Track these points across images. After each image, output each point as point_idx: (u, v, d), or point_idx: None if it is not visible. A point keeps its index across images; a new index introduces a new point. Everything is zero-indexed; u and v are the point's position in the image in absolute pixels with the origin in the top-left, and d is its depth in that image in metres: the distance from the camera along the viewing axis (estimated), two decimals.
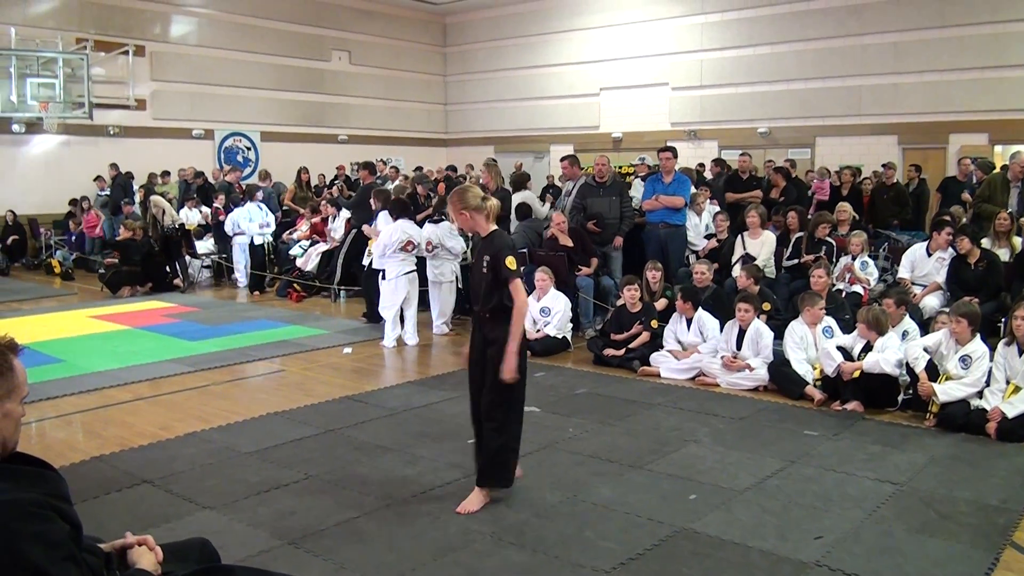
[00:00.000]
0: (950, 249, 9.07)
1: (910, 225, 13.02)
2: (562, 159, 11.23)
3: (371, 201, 10.79)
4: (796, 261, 9.79)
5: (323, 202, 14.67)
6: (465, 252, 10.68)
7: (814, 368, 7.35)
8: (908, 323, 7.42)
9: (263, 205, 14.04)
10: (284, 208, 16.09)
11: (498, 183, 10.82)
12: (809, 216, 10.75)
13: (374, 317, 10.38)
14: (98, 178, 17.60)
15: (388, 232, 9.51)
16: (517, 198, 11.35)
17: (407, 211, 9.79)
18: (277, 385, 7.86)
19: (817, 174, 15.35)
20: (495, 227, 5.02)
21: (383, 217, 10.10)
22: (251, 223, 13.60)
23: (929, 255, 9.19)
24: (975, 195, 11.20)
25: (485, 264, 4.85)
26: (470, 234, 5.22)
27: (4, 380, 2.34)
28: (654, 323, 8.50)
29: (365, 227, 11.10)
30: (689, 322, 8.22)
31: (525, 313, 4.93)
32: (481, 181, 11.03)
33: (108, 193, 17.36)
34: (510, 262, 4.79)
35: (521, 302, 4.79)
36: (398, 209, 9.74)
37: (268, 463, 5.59)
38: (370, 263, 10.28)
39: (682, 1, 20.47)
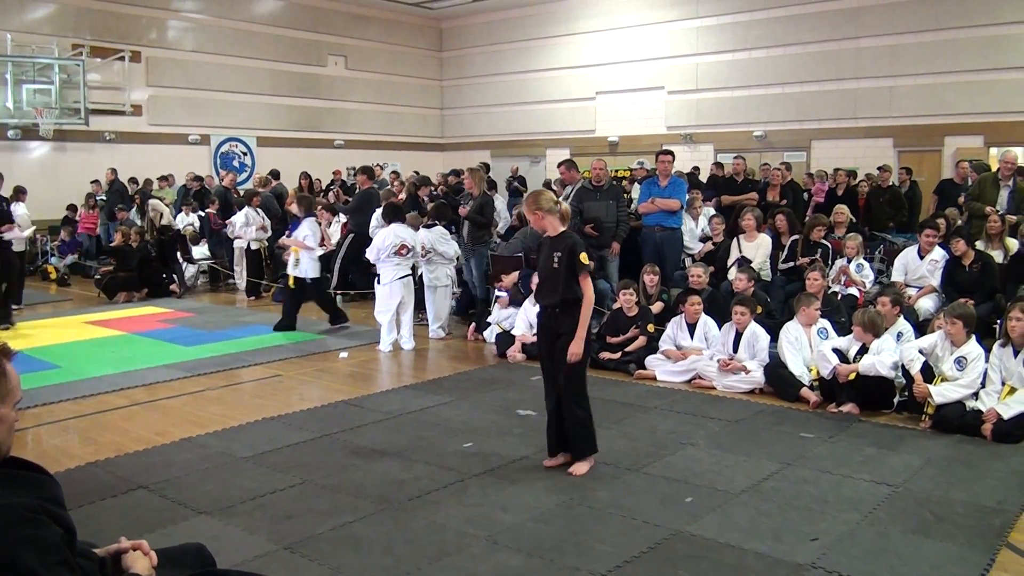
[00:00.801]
0: (940, 251, 9.11)
1: (905, 228, 13.04)
2: (559, 164, 11.24)
3: (294, 207, 10.91)
4: (792, 264, 9.80)
5: (319, 207, 14.65)
6: (458, 256, 10.70)
7: (810, 370, 7.35)
8: (902, 324, 7.44)
9: (260, 210, 14.02)
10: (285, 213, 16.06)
11: (482, 188, 10.84)
12: (806, 219, 10.76)
13: (283, 326, 10.48)
14: (95, 182, 17.58)
15: (381, 236, 9.52)
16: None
17: (399, 215, 9.80)
18: (273, 390, 7.86)
19: (816, 176, 15.40)
20: (565, 228, 5.54)
21: (308, 224, 10.23)
22: (248, 228, 13.59)
23: (921, 258, 9.22)
24: (966, 194, 11.24)
25: (556, 260, 5.37)
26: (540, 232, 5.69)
27: None
28: (651, 327, 8.50)
29: (283, 238, 11.17)
30: (691, 328, 8.21)
31: (593, 303, 5.46)
32: (465, 187, 11.05)
33: (104, 198, 17.34)
34: (583, 258, 5.34)
35: (591, 294, 5.40)
36: (390, 213, 9.75)
37: (264, 468, 5.59)
38: (283, 273, 10.45)
39: (678, 5, 20.49)
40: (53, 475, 2.46)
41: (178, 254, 14.26)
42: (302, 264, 10.34)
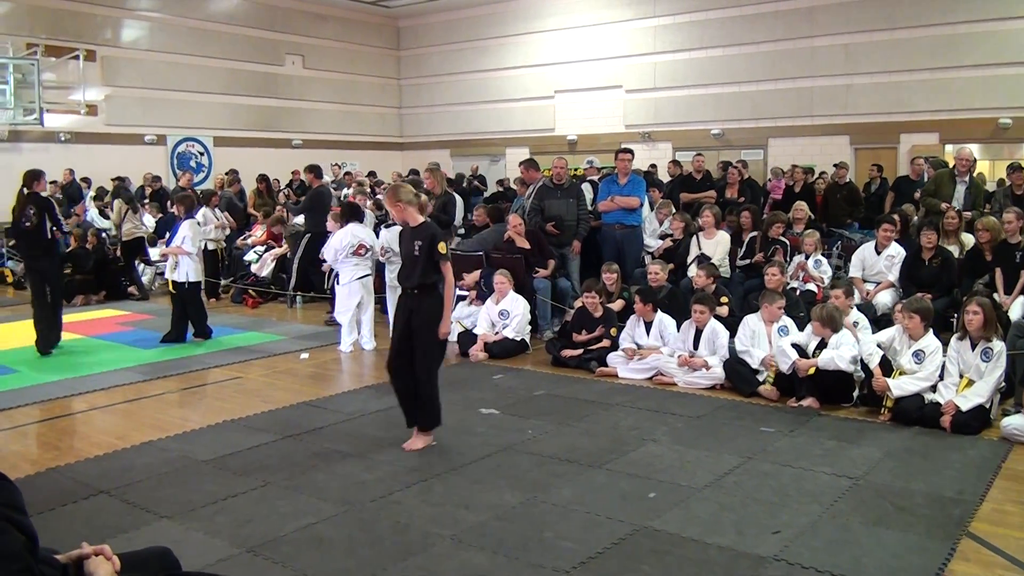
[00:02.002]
0: (897, 246, 9.24)
1: (867, 224, 13.19)
2: (521, 163, 11.26)
3: (176, 207, 10.57)
4: (749, 260, 9.89)
5: (281, 209, 14.59)
6: None
7: (763, 365, 7.40)
8: (856, 313, 7.56)
9: (217, 210, 13.90)
10: (249, 215, 15.93)
11: (443, 187, 10.85)
12: (764, 216, 10.86)
13: (171, 337, 9.95)
14: (53, 183, 17.28)
15: (339, 236, 9.48)
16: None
17: (357, 215, 9.77)
18: (234, 392, 7.80)
19: (772, 174, 15.55)
20: (425, 219, 6.15)
21: (187, 226, 9.93)
22: (205, 227, 13.46)
23: (878, 253, 9.35)
24: (922, 190, 11.40)
25: (417, 248, 5.89)
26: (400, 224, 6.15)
27: None
28: (614, 331, 8.51)
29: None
30: (648, 325, 8.26)
31: (453, 287, 6.21)
32: (425, 185, 11.03)
33: (60, 197, 17.07)
34: (442, 247, 5.92)
35: (451, 278, 6.12)
36: (347, 214, 9.73)
37: (225, 471, 5.55)
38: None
39: (634, 4, 20.58)
40: (12, 481, 2.43)
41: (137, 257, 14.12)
42: (181, 267, 9.88)
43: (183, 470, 5.59)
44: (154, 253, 14.77)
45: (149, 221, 15.32)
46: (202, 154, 21.14)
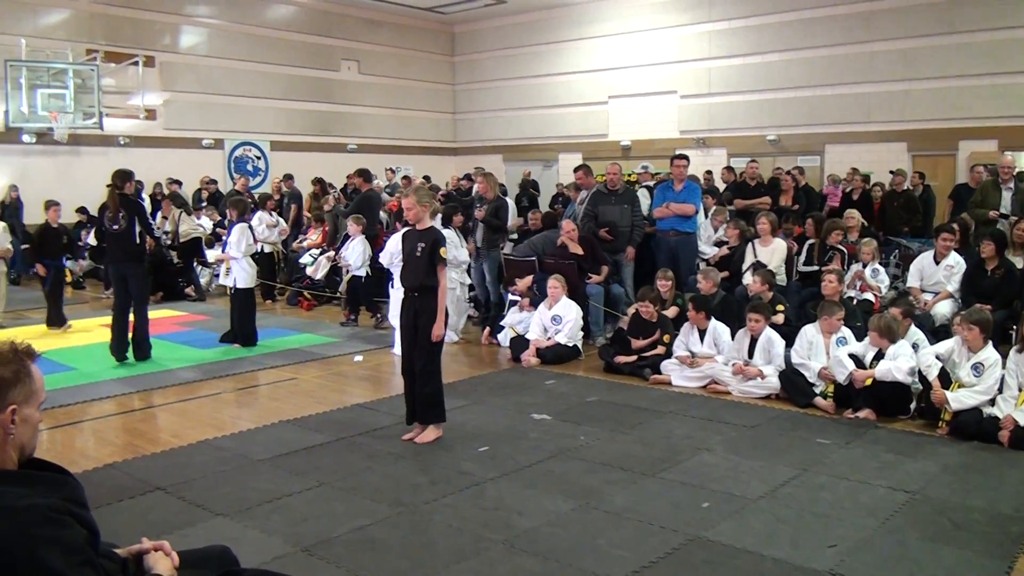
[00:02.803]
0: (956, 256, 9.07)
1: (920, 232, 12.99)
2: (576, 168, 11.24)
3: (231, 211, 10.44)
4: (816, 267, 9.73)
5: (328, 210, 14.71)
6: (468, 263, 10.65)
7: (820, 379, 7.28)
8: (916, 333, 7.40)
9: (274, 213, 14.05)
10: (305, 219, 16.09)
11: (495, 192, 10.86)
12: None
13: (246, 339, 10.00)
14: (173, 182, 17.64)
15: (394, 240, 9.55)
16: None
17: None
18: (289, 393, 7.88)
19: (830, 181, 15.36)
20: (433, 224, 6.55)
21: (238, 230, 9.94)
22: (259, 228, 13.60)
23: (937, 263, 9.19)
24: (971, 200, 11.22)
25: (420, 250, 6.18)
26: (415, 225, 6.36)
27: (23, 386, 2.35)
28: (668, 338, 8.45)
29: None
30: (702, 333, 8.20)
31: (446, 292, 6.40)
32: (477, 190, 11.05)
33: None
34: (443, 252, 6.20)
35: (445, 283, 6.30)
36: (399, 218, 9.83)
37: (280, 470, 5.61)
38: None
39: (690, 9, 20.47)
40: (74, 476, 2.47)
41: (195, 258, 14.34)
42: (233, 272, 9.98)
43: (239, 469, 5.66)
44: (211, 256, 14.99)
45: (207, 223, 15.55)
46: (259, 158, 21.41)
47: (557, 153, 23.25)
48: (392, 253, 9.47)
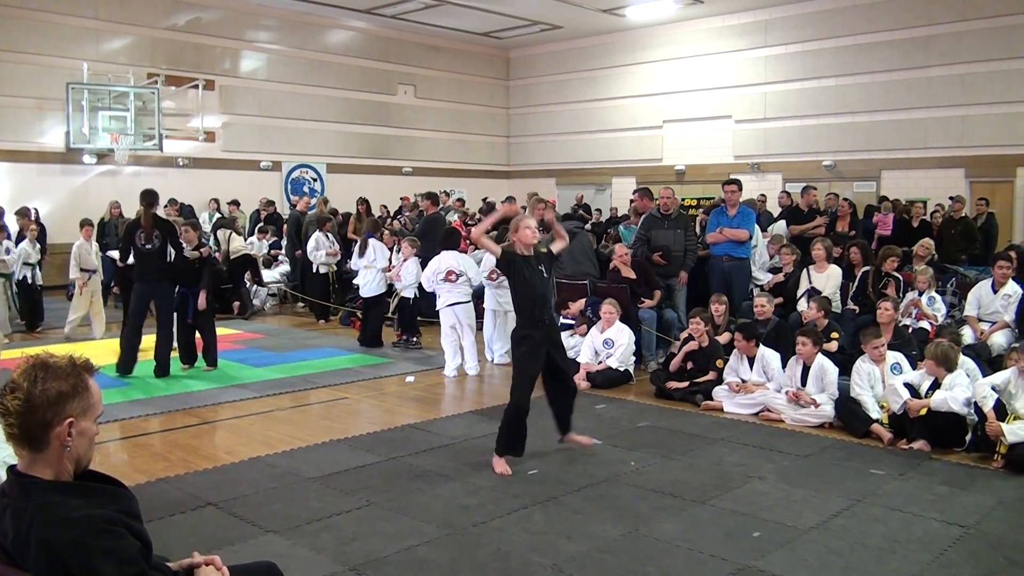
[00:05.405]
0: (1014, 285, 8.89)
1: (979, 260, 12.76)
2: (635, 191, 11.21)
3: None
4: (861, 299, 9.60)
5: (386, 232, 14.80)
6: None
7: (882, 407, 7.18)
8: (965, 362, 7.22)
9: (330, 235, 14.20)
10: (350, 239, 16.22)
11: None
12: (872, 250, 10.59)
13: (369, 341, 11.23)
14: (168, 203, 17.91)
15: (433, 262, 9.68)
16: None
17: (448, 242, 9.91)
18: (340, 412, 7.94)
19: (881, 208, 15.17)
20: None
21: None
22: (317, 252, 13.77)
23: (995, 292, 9.01)
24: None
25: (544, 271, 6.19)
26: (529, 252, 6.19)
27: (80, 399, 2.40)
28: (719, 363, 8.38)
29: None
30: (751, 360, 8.11)
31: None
32: (533, 217, 11.07)
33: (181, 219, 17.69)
34: None
35: None
36: (442, 240, 10.02)
37: (331, 489, 5.64)
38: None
39: (745, 34, 20.43)
40: (129, 489, 2.52)
41: (246, 277, 14.50)
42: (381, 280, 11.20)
43: (290, 486, 5.71)
44: (268, 276, 15.18)
45: (258, 243, 15.69)
46: (315, 180, 21.70)
47: (611, 177, 23.31)
48: (428, 276, 9.58)
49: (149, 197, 9.42)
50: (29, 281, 12.39)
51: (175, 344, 9.59)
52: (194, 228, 10.05)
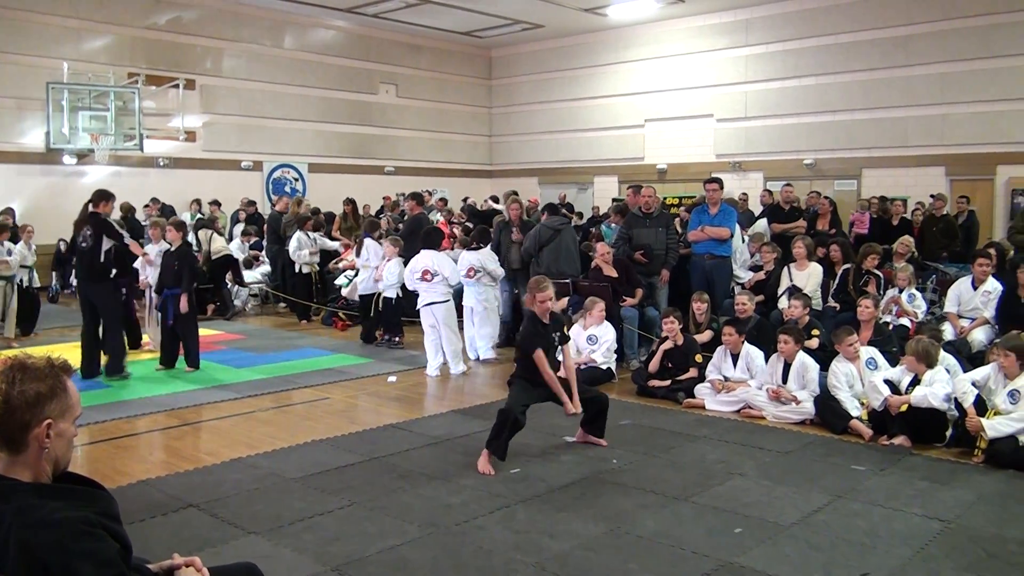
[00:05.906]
0: (994, 282, 8.96)
1: (959, 257, 12.85)
2: (629, 187, 11.27)
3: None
4: (843, 296, 9.66)
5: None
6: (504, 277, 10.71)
7: (862, 404, 7.23)
8: (946, 358, 7.27)
9: (310, 233, 14.15)
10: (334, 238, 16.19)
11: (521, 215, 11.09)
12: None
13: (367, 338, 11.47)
14: (151, 202, 17.82)
15: (412, 261, 9.65)
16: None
17: (428, 241, 9.90)
18: (322, 412, 7.92)
19: (858, 207, 15.24)
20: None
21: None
22: (300, 251, 13.72)
23: (975, 288, 9.08)
24: (1010, 227, 11.08)
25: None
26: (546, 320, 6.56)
27: (58, 400, 2.39)
28: (698, 358, 8.42)
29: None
30: (735, 357, 8.14)
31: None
32: (509, 215, 11.14)
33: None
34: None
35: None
36: (422, 239, 10.02)
37: (313, 489, 5.63)
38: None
39: (727, 33, 20.49)
40: (108, 490, 2.51)
41: (227, 278, 14.44)
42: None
43: (272, 487, 5.69)
44: (249, 276, 15.12)
45: (238, 244, 15.63)
46: (297, 180, 21.63)
47: (592, 176, 23.34)
48: (411, 272, 9.57)
49: (96, 195, 9.27)
50: (25, 284, 12.17)
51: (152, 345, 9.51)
52: (177, 228, 9.97)
